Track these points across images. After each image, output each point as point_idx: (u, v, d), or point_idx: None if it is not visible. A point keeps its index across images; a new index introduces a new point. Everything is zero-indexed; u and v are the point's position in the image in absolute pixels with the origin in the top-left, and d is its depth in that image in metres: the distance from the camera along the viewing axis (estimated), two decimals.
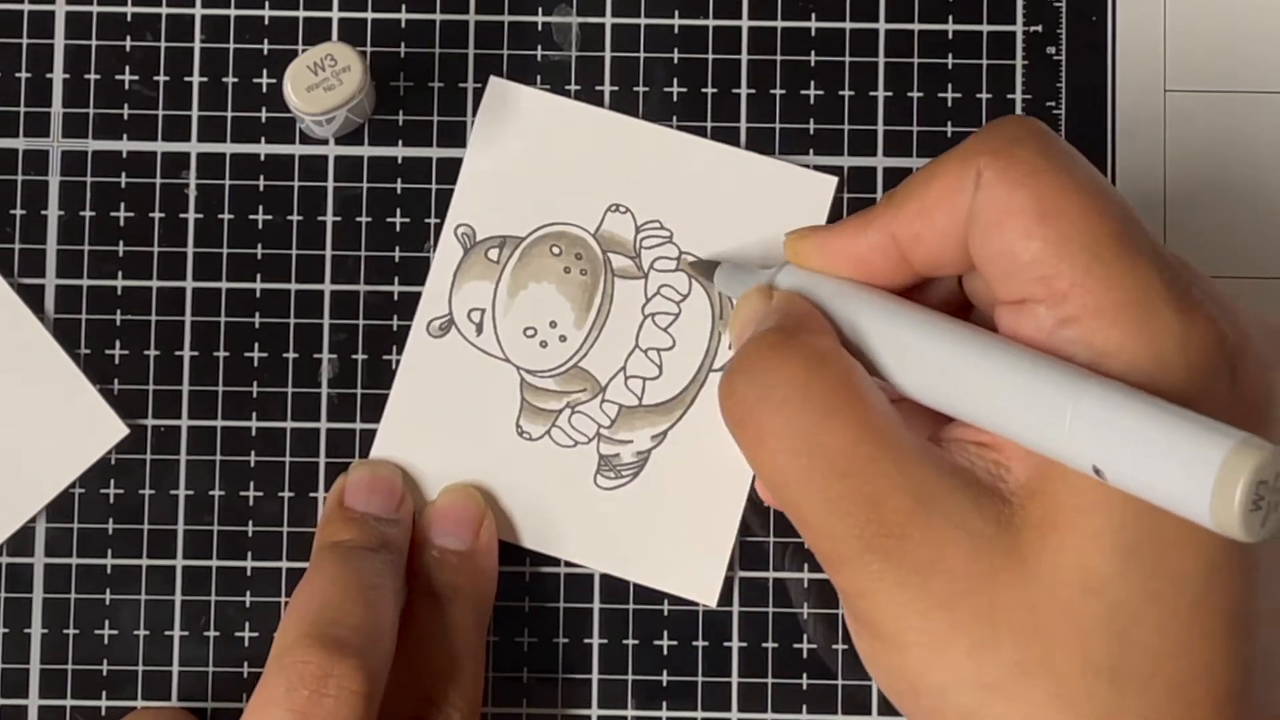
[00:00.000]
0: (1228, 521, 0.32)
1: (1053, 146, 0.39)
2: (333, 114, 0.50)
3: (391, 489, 0.51)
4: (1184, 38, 0.54)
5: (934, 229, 0.41)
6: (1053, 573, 0.37)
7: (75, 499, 0.52)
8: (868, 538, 0.38)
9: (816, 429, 0.39)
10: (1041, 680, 0.37)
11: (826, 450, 0.39)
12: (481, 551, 0.51)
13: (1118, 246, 0.38)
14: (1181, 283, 0.38)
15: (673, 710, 0.52)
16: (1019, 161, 0.39)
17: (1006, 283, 0.39)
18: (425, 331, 0.53)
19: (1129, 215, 0.39)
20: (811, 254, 0.44)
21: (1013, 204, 0.38)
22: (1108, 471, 0.35)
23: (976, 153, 0.40)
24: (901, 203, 0.42)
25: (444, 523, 0.51)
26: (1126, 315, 0.37)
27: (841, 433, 0.39)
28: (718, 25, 0.54)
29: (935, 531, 0.37)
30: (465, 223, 0.53)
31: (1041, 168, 0.39)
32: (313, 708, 0.44)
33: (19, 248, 0.53)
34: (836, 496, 0.38)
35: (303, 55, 0.49)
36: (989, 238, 0.39)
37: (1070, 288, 0.37)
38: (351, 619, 0.46)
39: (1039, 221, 0.38)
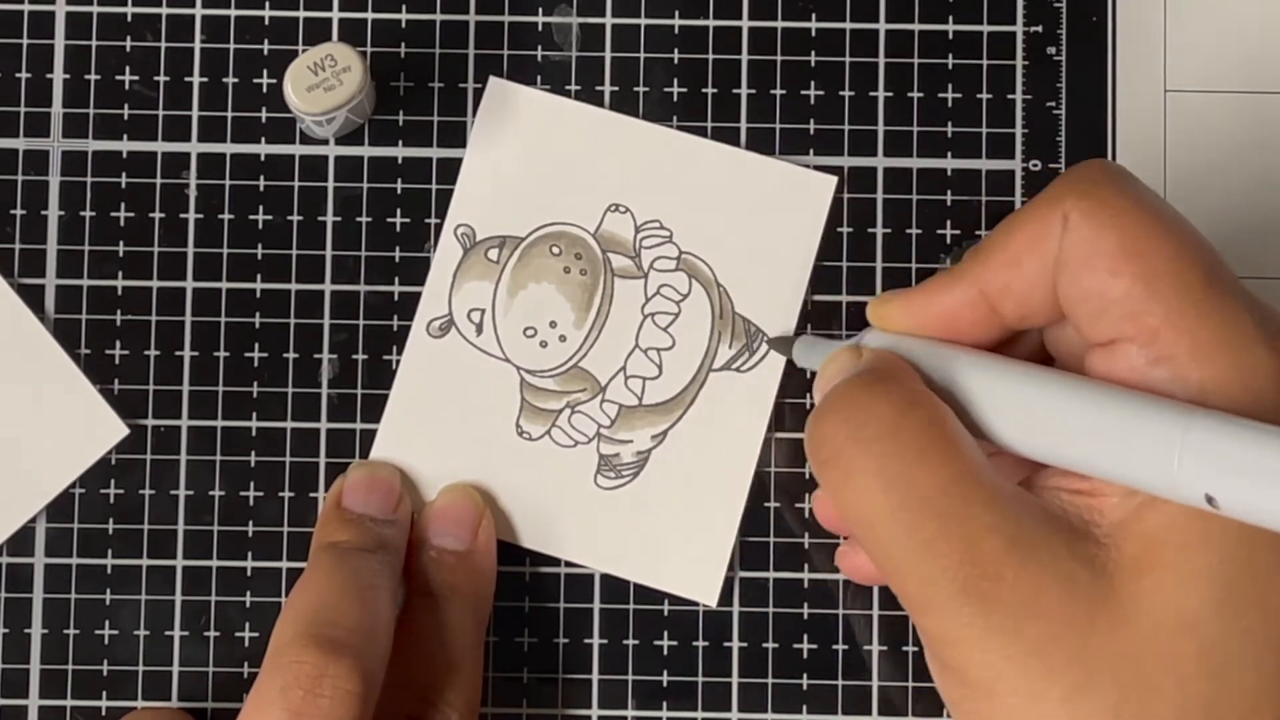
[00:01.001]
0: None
1: (1136, 187, 0.40)
2: (333, 114, 0.50)
3: (390, 490, 0.51)
4: (1184, 38, 0.54)
5: (1023, 277, 0.41)
6: (1149, 614, 0.37)
7: (75, 499, 0.52)
8: (962, 579, 0.38)
9: (908, 469, 0.39)
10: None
11: (919, 490, 0.38)
12: (480, 551, 0.51)
13: (1206, 285, 0.38)
14: (1271, 321, 0.38)
15: (673, 710, 0.52)
16: (1105, 203, 0.39)
17: (1096, 323, 0.39)
18: (425, 332, 0.53)
19: (1214, 255, 0.39)
20: (896, 316, 0.44)
21: (1101, 244, 0.39)
22: (1221, 500, 0.35)
23: (1062, 197, 0.40)
24: (988, 255, 0.41)
25: (442, 523, 0.51)
26: (1220, 353, 0.37)
27: (934, 473, 0.38)
28: (718, 25, 0.54)
29: (1031, 574, 0.37)
30: (465, 223, 0.53)
31: (1127, 208, 0.39)
32: (308, 707, 0.44)
33: (19, 248, 0.53)
34: (929, 537, 0.38)
35: (303, 55, 0.49)
36: (1078, 279, 0.39)
37: (1161, 325, 0.38)
38: (347, 619, 0.46)
39: (1127, 260, 0.38)
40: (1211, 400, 0.37)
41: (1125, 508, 0.38)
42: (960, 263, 0.43)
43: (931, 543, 0.38)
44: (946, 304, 0.43)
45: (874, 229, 0.53)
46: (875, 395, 0.40)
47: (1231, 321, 0.37)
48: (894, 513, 0.39)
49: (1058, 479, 0.39)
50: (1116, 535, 0.38)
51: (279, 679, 0.45)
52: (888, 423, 0.39)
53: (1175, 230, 0.39)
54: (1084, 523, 0.38)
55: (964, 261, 0.42)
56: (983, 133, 0.54)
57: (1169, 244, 0.38)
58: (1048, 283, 0.40)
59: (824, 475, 0.41)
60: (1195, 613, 0.36)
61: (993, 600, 0.37)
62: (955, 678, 0.39)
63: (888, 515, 0.39)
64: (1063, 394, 0.39)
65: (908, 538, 0.38)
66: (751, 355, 0.53)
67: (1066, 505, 0.39)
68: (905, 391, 0.40)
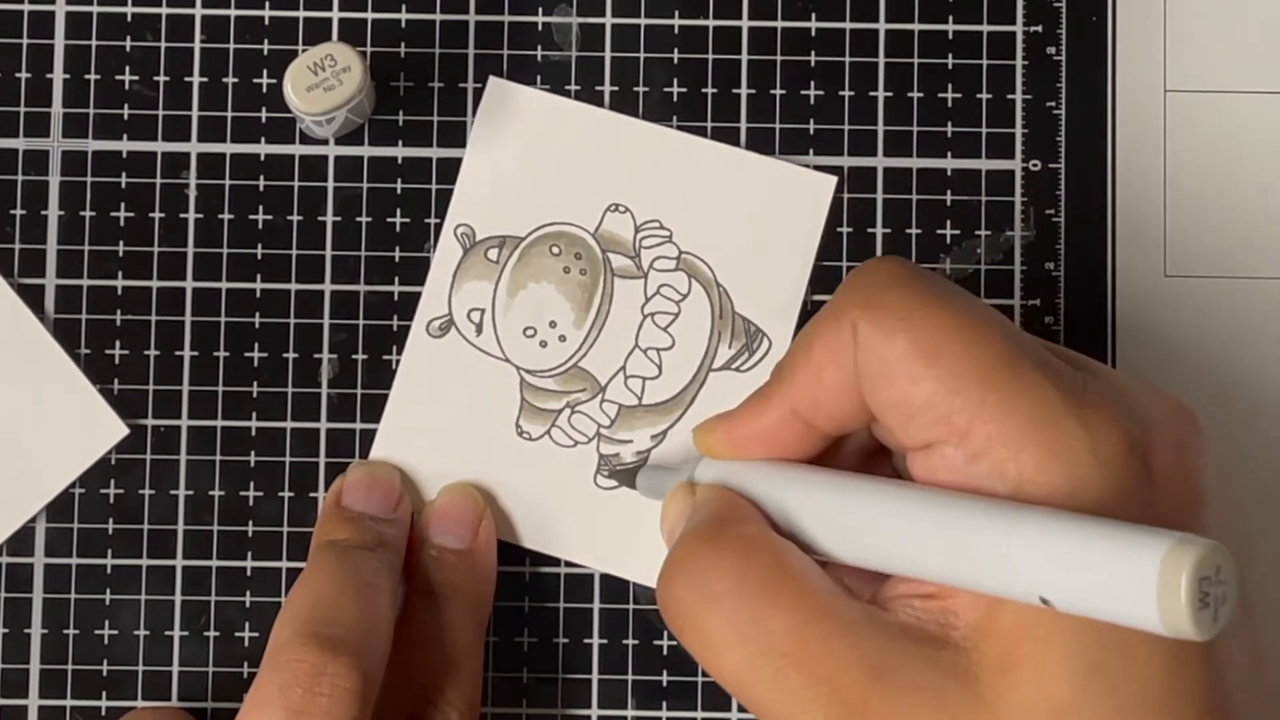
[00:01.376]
0: (1179, 625, 0.32)
1: (918, 283, 0.39)
2: (333, 114, 0.50)
3: (389, 489, 0.51)
4: (1184, 38, 0.54)
5: (827, 392, 0.40)
6: (1017, 709, 0.36)
7: (75, 499, 0.52)
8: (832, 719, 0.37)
9: (759, 619, 0.39)
10: None
11: (773, 639, 0.38)
12: (480, 550, 0.51)
13: (1006, 369, 0.37)
14: (1077, 388, 0.38)
15: (673, 710, 0.52)
16: (890, 309, 0.39)
17: (908, 429, 0.39)
18: (425, 332, 0.53)
19: (1010, 332, 0.38)
20: (720, 445, 0.44)
21: (893, 352, 0.38)
22: (1055, 600, 0.34)
23: (847, 308, 0.39)
24: (791, 374, 0.41)
25: (443, 521, 0.51)
26: (1031, 437, 0.37)
27: (785, 618, 0.38)
28: (718, 25, 0.54)
29: (897, 699, 0.37)
30: (465, 223, 0.53)
31: (912, 308, 0.39)
32: (307, 705, 0.44)
33: (19, 248, 0.53)
34: (795, 687, 0.38)
35: (303, 55, 0.49)
36: (879, 389, 0.39)
37: (970, 421, 0.37)
38: (346, 617, 0.46)
39: (923, 364, 0.38)
40: (1030, 489, 0.37)
41: (977, 608, 0.37)
42: (767, 382, 0.42)
43: (798, 692, 0.38)
44: (763, 426, 0.42)
45: (874, 229, 0.53)
46: (714, 549, 0.40)
47: (1037, 401, 0.37)
48: (755, 666, 0.38)
49: (904, 586, 0.39)
50: (974, 637, 0.37)
51: (278, 677, 0.45)
52: (732, 578, 0.39)
53: (964, 320, 0.38)
54: (941, 629, 0.38)
55: (770, 381, 0.42)
56: (982, 132, 0.54)
57: (961, 338, 0.38)
58: (854, 392, 0.40)
59: (682, 640, 0.40)
60: (1066, 700, 0.36)
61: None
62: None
63: (749, 669, 0.39)
64: (891, 506, 0.38)
65: (773, 688, 0.38)
66: (751, 355, 0.53)
67: (920, 614, 0.38)
68: (743, 540, 0.40)
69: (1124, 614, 0.33)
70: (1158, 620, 0.32)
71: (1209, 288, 0.53)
